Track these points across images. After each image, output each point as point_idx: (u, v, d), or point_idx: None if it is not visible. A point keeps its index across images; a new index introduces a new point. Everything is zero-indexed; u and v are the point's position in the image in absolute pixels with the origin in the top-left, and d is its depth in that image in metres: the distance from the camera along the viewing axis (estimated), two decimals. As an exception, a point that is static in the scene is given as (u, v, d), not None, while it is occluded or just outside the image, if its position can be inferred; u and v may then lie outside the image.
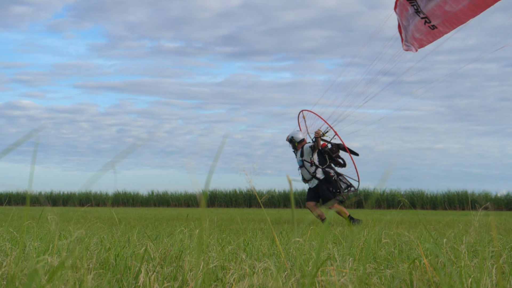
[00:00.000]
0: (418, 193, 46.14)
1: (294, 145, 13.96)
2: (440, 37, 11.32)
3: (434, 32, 11.27)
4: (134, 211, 28.58)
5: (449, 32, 11.09)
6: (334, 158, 13.70)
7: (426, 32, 11.35)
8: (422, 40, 11.55)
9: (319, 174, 13.66)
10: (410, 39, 11.71)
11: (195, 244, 5.02)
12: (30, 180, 1.90)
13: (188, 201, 48.92)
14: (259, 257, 4.53)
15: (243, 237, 6.47)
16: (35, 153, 1.86)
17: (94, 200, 51.02)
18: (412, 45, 11.82)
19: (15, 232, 5.34)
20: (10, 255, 3.45)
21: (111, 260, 3.83)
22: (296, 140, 13.93)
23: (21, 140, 1.78)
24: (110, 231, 7.61)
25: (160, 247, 4.91)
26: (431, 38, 11.39)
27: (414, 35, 11.57)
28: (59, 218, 12.32)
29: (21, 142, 1.80)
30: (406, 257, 4.77)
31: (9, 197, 52.42)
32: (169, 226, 10.01)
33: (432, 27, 11.19)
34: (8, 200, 51.64)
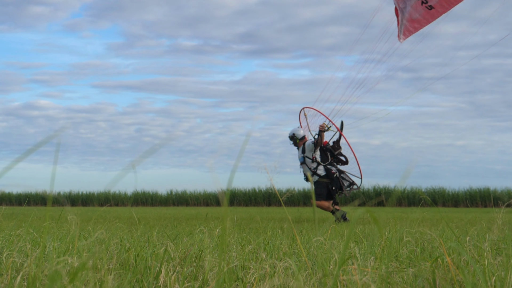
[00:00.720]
0: (440, 190, 45.91)
1: (296, 142, 13.93)
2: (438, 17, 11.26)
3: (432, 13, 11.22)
4: (153, 210, 28.66)
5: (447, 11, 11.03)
6: (336, 155, 13.64)
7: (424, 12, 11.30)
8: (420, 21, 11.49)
9: (320, 171, 13.61)
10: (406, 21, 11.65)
11: (215, 244, 5.03)
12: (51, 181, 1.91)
13: (207, 200, 49.01)
14: (279, 256, 4.52)
15: (263, 236, 6.46)
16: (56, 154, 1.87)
17: (113, 200, 51.25)
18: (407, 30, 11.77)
19: (35, 232, 5.37)
20: (30, 256, 3.47)
21: (131, 260, 3.85)
22: (297, 137, 13.92)
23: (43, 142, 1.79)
24: (129, 231, 7.64)
25: (180, 246, 4.92)
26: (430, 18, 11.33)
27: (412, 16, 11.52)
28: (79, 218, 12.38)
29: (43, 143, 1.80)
30: (429, 255, 4.75)
31: (29, 198, 52.78)
32: (188, 226, 10.03)
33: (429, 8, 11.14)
34: (27, 201, 52.00)
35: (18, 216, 13.58)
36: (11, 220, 10.43)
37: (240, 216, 16.66)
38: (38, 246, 4.51)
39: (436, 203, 44.16)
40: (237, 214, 18.65)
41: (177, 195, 50.66)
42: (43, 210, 24.55)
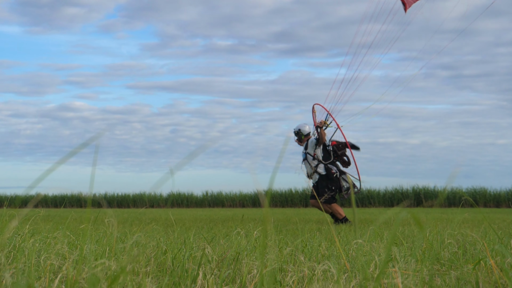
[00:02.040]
0: (481, 190, 45.42)
1: (301, 138, 13.81)
2: None
3: None
4: (189, 212, 28.80)
5: None
6: (339, 155, 13.49)
7: None
8: None
9: (320, 169, 13.48)
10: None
11: (252, 246, 5.03)
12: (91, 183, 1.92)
13: (242, 201, 49.08)
14: (318, 258, 4.51)
15: (301, 238, 6.45)
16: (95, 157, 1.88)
17: (149, 202, 51.58)
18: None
19: (72, 235, 5.42)
20: (68, 258, 3.51)
21: (168, 263, 3.86)
22: (303, 133, 13.80)
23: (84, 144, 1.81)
24: (165, 233, 7.68)
25: (217, 249, 4.93)
26: None
27: None
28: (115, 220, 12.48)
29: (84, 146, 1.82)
30: (471, 258, 4.69)
31: (65, 199, 53.38)
32: (225, 227, 10.05)
33: None
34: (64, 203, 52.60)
35: (54, 218, 13.74)
36: (48, 222, 10.55)
37: (277, 217, 16.65)
38: (75, 248, 4.55)
39: (477, 203, 43.68)
40: (274, 216, 18.64)
41: (213, 196, 50.81)
42: (80, 212, 24.82)
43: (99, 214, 13.99)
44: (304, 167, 13.67)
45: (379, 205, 45.84)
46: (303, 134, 13.73)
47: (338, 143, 13.53)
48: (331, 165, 13.40)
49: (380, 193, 46.57)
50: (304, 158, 13.65)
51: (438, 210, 29.79)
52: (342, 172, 13.48)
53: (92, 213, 21.86)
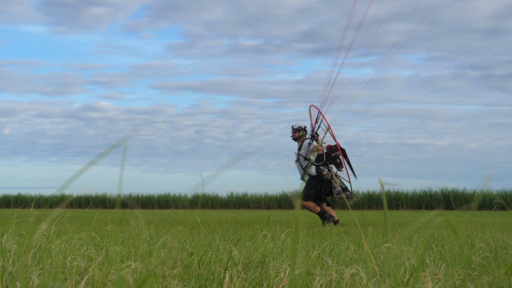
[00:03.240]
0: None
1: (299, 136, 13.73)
2: None
3: None
4: (214, 213, 28.85)
5: None
6: (333, 158, 13.42)
7: None
8: None
9: (312, 171, 13.45)
10: None
11: (279, 249, 5.02)
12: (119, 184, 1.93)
13: (268, 203, 49.07)
14: (346, 262, 4.49)
15: (329, 241, 6.43)
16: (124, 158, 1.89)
17: (173, 203, 51.76)
18: None
19: (97, 236, 5.45)
20: (94, 260, 3.53)
21: (194, 266, 3.87)
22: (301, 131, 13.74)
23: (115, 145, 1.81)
24: (190, 235, 7.69)
25: (243, 251, 4.93)
26: None
27: None
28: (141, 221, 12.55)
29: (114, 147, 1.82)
30: (503, 262, 4.65)
31: (89, 200, 53.74)
32: (251, 229, 10.05)
33: None
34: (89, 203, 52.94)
35: (79, 219, 13.83)
36: (73, 223, 10.62)
37: (304, 219, 16.62)
38: (101, 250, 4.58)
39: (509, 206, 43.27)
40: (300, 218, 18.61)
41: (238, 197, 50.86)
42: (105, 212, 24.97)
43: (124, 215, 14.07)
44: (296, 168, 13.65)
45: (407, 207, 45.58)
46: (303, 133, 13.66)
47: (331, 146, 13.51)
48: (323, 167, 13.37)
49: (408, 195, 46.31)
50: (296, 159, 13.63)
51: (469, 213, 29.56)
52: (333, 175, 13.44)
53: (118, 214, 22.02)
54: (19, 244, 4.38)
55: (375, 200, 46.31)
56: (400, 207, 45.65)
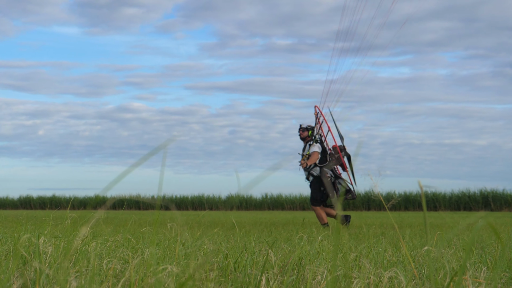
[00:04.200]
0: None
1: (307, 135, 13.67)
2: None
3: None
4: (248, 215, 28.88)
5: None
6: (337, 158, 13.35)
7: None
8: None
9: (315, 172, 13.41)
10: None
11: (316, 251, 5.01)
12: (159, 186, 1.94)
13: (303, 204, 48.97)
14: (384, 265, 4.46)
15: (366, 243, 6.40)
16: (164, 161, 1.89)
17: (207, 204, 51.91)
18: None
19: (133, 238, 5.49)
20: (130, 262, 3.55)
21: (230, 268, 3.87)
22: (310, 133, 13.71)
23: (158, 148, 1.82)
24: (225, 237, 7.71)
25: (279, 254, 4.93)
26: None
27: None
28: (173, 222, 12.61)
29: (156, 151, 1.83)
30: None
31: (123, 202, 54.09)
32: (286, 231, 10.04)
33: None
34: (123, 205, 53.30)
35: (114, 221, 13.93)
36: (108, 224, 10.71)
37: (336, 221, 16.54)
38: (136, 252, 4.60)
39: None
40: (335, 219, 18.55)
41: (272, 199, 50.82)
42: (139, 214, 25.13)
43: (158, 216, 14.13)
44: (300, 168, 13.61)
45: (445, 208, 45.20)
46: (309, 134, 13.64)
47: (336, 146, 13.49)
48: (326, 168, 13.33)
49: (446, 196, 45.91)
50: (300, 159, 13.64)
51: (508, 215, 29.21)
52: (337, 176, 13.39)
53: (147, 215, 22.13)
54: (55, 246, 4.42)
55: (412, 201, 45.99)
56: (438, 208, 45.27)
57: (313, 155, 13.26)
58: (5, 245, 4.84)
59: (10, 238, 5.53)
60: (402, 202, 45.98)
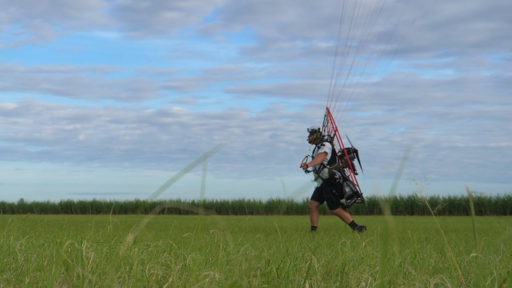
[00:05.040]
0: None
1: (314, 138, 13.70)
2: None
3: None
4: (290, 219, 28.84)
5: None
6: (346, 160, 13.33)
7: None
8: None
9: (324, 174, 13.40)
10: None
11: (360, 257, 4.98)
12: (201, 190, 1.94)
13: (345, 208, 48.70)
14: (429, 271, 4.42)
15: (410, 248, 6.34)
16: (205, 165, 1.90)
17: (248, 208, 51.96)
18: None
19: (174, 244, 5.51)
20: (173, 269, 3.56)
21: (273, 274, 3.87)
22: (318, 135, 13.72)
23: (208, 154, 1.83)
24: (267, 242, 7.70)
25: (322, 259, 4.91)
26: None
27: None
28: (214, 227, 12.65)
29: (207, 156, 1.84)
30: None
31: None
32: (327, 236, 10.01)
33: None
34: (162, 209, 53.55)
35: (154, 226, 14.02)
36: (149, 229, 10.77)
37: (382, 225, 16.46)
38: (178, 257, 4.62)
39: None
40: (379, 224, 18.44)
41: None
42: (179, 218, 25.25)
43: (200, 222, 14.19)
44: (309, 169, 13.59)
45: (491, 213, 44.63)
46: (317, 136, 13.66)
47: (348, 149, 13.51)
48: (335, 170, 13.31)
49: (492, 200, 45.32)
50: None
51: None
52: (346, 178, 13.34)
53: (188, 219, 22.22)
54: (97, 251, 4.46)
55: (456, 205, 45.49)
56: (483, 212, 44.70)
57: (318, 156, 13.39)
58: (48, 250, 4.90)
59: (52, 243, 5.59)
60: (446, 207, 45.48)
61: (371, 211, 47.29)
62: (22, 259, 4.28)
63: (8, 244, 5.34)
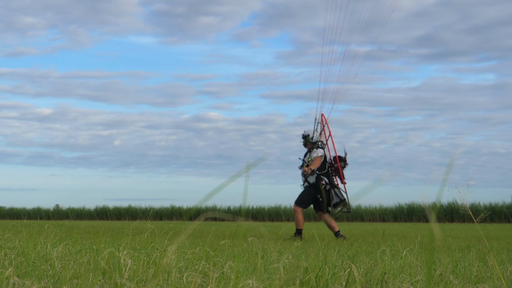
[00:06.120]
0: None
1: (306, 143, 13.72)
2: None
3: None
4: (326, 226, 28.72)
5: None
6: (336, 168, 13.27)
7: None
8: None
9: (311, 179, 13.37)
10: None
11: (399, 266, 4.94)
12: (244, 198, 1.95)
13: (383, 215, 48.46)
14: (471, 280, 4.37)
15: (451, 257, 6.28)
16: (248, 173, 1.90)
17: (284, 215, 51.90)
18: None
19: (211, 251, 5.52)
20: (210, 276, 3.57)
21: (311, 283, 3.86)
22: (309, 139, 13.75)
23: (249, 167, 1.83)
24: (304, 249, 7.69)
25: (361, 267, 4.88)
26: None
27: None
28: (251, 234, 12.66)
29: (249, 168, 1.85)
30: None
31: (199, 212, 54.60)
32: (366, 243, 9.95)
33: None
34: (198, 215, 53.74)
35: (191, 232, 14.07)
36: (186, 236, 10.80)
37: (420, 232, 16.34)
38: (215, 265, 4.63)
39: None
40: (417, 231, 18.30)
41: (351, 210, 50.36)
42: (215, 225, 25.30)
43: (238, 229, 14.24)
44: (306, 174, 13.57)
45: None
46: (309, 141, 13.71)
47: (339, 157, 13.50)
48: (324, 176, 13.26)
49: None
50: (301, 165, 13.67)
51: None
52: (334, 185, 13.28)
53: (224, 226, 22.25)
54: (134, 258, 4.49)
55: (498, 212, 44.96)
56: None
57: (316, 160, 13.40)
58: (85, 257, 4.94)
59: (89, 250, 5.64)
60: (487, 214, 44.98)
61: (409, 218, 46.94)
62: (59, 266, 4.33)
63: (45, 250, 5.40)
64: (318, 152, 13.45)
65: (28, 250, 5.48)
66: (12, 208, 59.85)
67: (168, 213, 55.16)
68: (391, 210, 48.31)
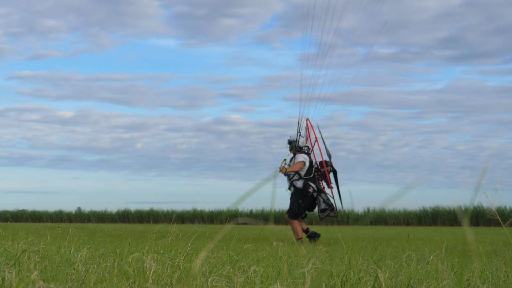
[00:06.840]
0: None
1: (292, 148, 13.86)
2: None
3: None
4: (349, 229, 28.69)
5: None
6: (322, 173, 13.25)
7: None
8: None
9: (298, 184, 13.40)
10: None
11: (426, 271, 4.92)
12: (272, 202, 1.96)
13: (407, 219, 48.23)
14: (499, 285, 4.35)
15: (478, 262, 6.24)
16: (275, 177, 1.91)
17: (307, 218, 51.79)
18: None
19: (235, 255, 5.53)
20: (235, 281, 3.58)
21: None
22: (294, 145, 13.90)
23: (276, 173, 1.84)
24: (328, 253, 7.68)
25: (386, 272, 4.87)
26: None
27: None
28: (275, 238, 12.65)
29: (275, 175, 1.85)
30: None
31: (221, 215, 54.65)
32: (390, 247, 9.92)
33: None
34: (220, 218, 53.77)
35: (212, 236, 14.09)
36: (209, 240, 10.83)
37: (446, 236, 16.25)
38: (239, 269, 4.64)
39: None
40: (442, 235, 18.21)
41: (375, 213, 50.22)
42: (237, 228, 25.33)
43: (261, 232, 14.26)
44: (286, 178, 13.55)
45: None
46: (294, 146, 13.75)
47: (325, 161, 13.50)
48: (310, 182, 13.23)
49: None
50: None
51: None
52: (320, 190, 13.23)
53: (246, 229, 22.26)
54: (158, 262, 4.50)
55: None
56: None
57: (297, 164, 13.46)
58: (108, 261, 4.97)
59: (112, 254, 5.67)
60: None
61: (434, 222, 46.71)
62: (84, 270, 4.35)
63: (69, 254, 5.44)
64: (300, 157, 13.53)
65: (51, 253, 5.52)
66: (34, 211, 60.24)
67: (190, 216, 55.24)
68: (415, 214, 48.08)
